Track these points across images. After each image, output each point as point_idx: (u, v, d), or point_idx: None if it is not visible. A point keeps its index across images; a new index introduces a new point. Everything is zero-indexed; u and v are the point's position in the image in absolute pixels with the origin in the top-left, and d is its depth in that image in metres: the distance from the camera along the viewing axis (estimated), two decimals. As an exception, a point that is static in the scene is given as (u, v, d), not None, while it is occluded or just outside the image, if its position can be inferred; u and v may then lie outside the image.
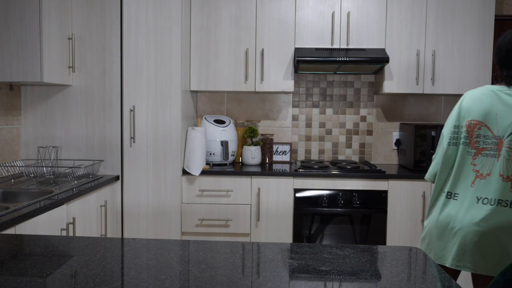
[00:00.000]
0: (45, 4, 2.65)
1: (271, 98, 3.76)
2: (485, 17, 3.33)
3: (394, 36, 3.36)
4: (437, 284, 1.16)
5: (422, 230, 3.18)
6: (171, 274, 1.18)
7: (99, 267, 1.24)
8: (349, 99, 3.75)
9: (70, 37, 2.96)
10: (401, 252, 1.41)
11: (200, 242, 1.49)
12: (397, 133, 3.73)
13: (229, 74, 3.40)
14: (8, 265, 1.25)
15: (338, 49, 3.34)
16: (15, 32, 2.63)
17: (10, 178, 2.77)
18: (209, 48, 3.39)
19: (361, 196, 3.15)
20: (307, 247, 1.43)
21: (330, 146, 3.77)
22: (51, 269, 1.21)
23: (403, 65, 3.37)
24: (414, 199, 3.17)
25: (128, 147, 3.07)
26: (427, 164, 3.27)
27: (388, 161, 3.76)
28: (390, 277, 1.20)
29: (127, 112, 3.06)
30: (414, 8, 3.34)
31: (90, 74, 3.03)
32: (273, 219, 3.19)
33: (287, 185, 3.17)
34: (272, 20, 3.37)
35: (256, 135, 3.54)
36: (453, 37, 3.35)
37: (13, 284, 1.11)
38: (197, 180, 3.18)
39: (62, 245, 1.44)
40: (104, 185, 2.81)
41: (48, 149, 3.03)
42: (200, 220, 3.18)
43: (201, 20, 3.38)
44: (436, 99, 3.72)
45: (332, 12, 3.35)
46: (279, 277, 1.19)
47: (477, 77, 3.36)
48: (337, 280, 1.17)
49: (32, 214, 2.01)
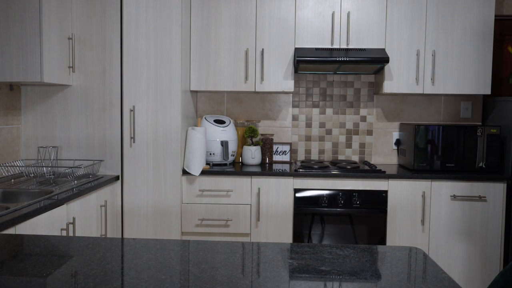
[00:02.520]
0: (45, 4, 2.65)
1: (271, 98, 3.76)
2: (485, 17, 3.33)
3: (394, 36, 3.36)
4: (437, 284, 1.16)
5: (422, 230, 3.19)
6: (171, 274, 1.18)
7: (99, 267, 1.24)
8: (349, 99, 3.75)
9: (70, 37, 2.96)
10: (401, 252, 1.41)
11: (200, 242, 1.49)
12: (397, 133, 3.73)
13: (229, 74, 3.40)
14: (8, 265, 1.25)
15: (338, 49, 3.34)
16: (15, 32, 2.63)
17: (10, 178, 2.77)
18: (209, 48, 3.39)
19: (361, 196, 3.15)
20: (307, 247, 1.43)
21: (330, 146, 3.77)
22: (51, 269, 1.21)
23: (403, 65, 3.37)
24: (414, 199, 3.17)
25: (128, 147, 3.07)
26: (427, 164, 3.28)
27: (388, 161, 3.76)
28: (390, 277, 1.20)
29: (127, 112, 3.06)
30: (414, 8, 3.34)
31: (90, 74, 3.03)
32: (273, 219, 3.19)
33: (287, 185, 3.17)
34: (272, 20, 3.37)
35: (256, 135, 3.54)
36: (453, 37, 3.35)
37: (13, 284, 1.11)
38: (197, 180, 3.18)
39: (62, 245, 1.44)
40: (104, 185, 2.81)
41: (48, 149, 3.03)
42: (200, 220, 3.18)
43: (201, 20, 3.38)
44: (436, 99, 3.72)
45: (332, 12, 3.35)
46: (279, 277, 1.19)
47: (477, 77, 3.36)
48: (337, 280, 1.17)
49: (32, 214, 2.01)
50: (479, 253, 3.18)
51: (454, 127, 3.27)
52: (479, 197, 3.15)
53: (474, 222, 3.17)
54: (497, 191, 3.15)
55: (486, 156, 3.25)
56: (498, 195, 3.15)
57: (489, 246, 3.18)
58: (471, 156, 3.26)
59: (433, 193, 3.17)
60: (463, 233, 3.18)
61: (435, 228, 3.18)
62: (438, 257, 3.18)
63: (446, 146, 3.26)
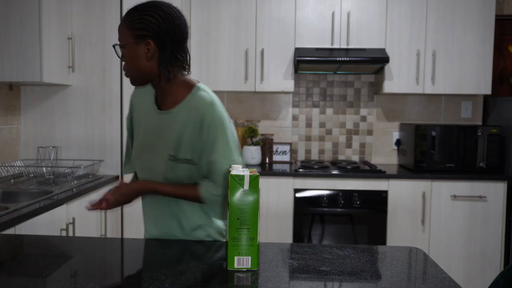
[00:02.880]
0: (44, 4, 2.64)
1: (271, 98, 3.76)
2: (485, 17, 3.32)
3: (394, 36, 3.35)
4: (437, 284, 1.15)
5: (422, 230, 3.19)
6: (171, 274, 1.18)
7: (99, 267, 1.23)
8: (349, 99, 3.75)
9: (70, 37, 2.95)
10: (401, 252, 1.41)
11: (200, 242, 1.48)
12: (397, 133, 3.73)
13: (229, 74, 3.40)
14: (8, 265, 1.25)
15: (338, 49, 3.33)
16: (15, 32, 2.63)
17: (10, 178, 2.77)
18: (209, 48, 3.39)
19: (361, 196, 3.15)
20: (307, 247, 1.43)
21: (330, 146, 3.77)
22: (51, 269, 1.21)
23: (403, 65, 3.37)
24: (414, 199, 3.17)
25: (128, 147, 3.07)
26: (427, 164, 3.27)
27: (388, 161, 3.76)
28: (390, 277, 1.20)
29: (127, 112, 3.05)
30: (414, 8, 3.33)
31: (90, 74, 3.02)
32: (273, 219, 3.19)
33: (287, 185, 3.17)
34: (272, 20, 3.37)
35: (256, 135, 3.53)
36: (453, 37, 3.35)
37: (13, 284, 1.11)
38: (197, 180, 3.18)
39: (62, 245, 1.44)
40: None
41: (48, 149, 3.03)
42: (200, 220, 3.18)
43: (201, 20, 3.38)
44: (436, 99, 3.72)
45: (332, 12, 3.35)
46: (279, 277, 1.18)
47: (478, 77, 3.36)
48: (337, 280, 1.17)
49: (32, 214, 2.01)
50: (479, 253, 3.18)
51: (455, 127, 3.26)
52: (480, 197, 3.15)
53: (474, 222, 3.17)
54: (498, 191, 3.15)
55: (487, 156, 3.24)
56: (498, 195, 3.15)
57: (489, 246, 3.17)
58: (472, 156, 3.26)
59: (433, 193, 3.16)
60: (463, 233, 3.18)
61: (435, 228, 3.17)
62: (439, 257, 3.18)
63: (447, 146, 3.26)
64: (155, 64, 1.42)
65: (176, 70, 1.46)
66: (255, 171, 1.26)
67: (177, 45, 1.43)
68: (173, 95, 1.48)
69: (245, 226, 1.22)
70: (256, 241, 1.23)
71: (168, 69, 1.43)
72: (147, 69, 1.43)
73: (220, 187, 1.44)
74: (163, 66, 1.42)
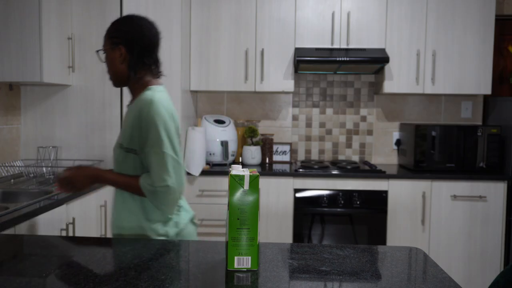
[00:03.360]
0: (44, 4, 2.64)
1: (271, 98, 3.76)
2: (485, 17, 3.32)
3: (394, 36, 3.35)
4: (437, 284, 1.15)
5: (422, 230, 3.18)
6: (171, 274, 1.18)
7: (99, 267, 1.23)
8: (349, 99, 3.75)
9: (70, 37, 2.95)
10: (401, 252, 1.41)
11: (200, 242, 1.48)
12: (397, 133, 3.73)
13: (229, 74, 3.40)
14: (8, 265, 1.25)
15: (338, 49, 3.33)
16: (15, 32, 2.63)
17: (10, 178, 2.77)
18: (209, 48, 3.39)
19: (361, 196, 3.15)
20: (307, 247, 1.43)
21: (330, 146, 3.77)
22: (51, 269, 1.21)
23: (403, 65, 3.37)
24: (414, 199, 3.17)
25: (128, 147, 3.06)
26: (427, 164, 3.27)
27: (388, 161, 3.76)
28: (390, 277, 1.19)
29: (127, 112, 3.05)
30: (414, 8, 3.33)
31: (90, 74, 3.02)
32: (273, 219, 3.19)
33: (287, 185, 3.17)
34: (272, 20, 3.37)
35: (256, 135, 3.53)
36: (453, 37, 3.34)
37: (13, 284, 1.11)
38: (197, 180, 3.18)
39: (62, 245, 1.44)
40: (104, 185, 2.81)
41: (48, 149, 3.03)
42: (200, 220, 3.18)
43: (201, 20, 3.38)
44: (436, 99, 3.72)
45: (332, 12, 3.35)
46: (279, 277, 1.18)
47: (478, 77, 3.36)
48: (337, 280, 1.17)
49: (32, 214, 2.01)
50: (479, 253, 3.18)
51: (455, 127, 3.26)
52: (480, 197, 3.15)
53: (474, 222, 3.17)
54: (498, 191, 3.15)
55: (487, 156, 3.24)
56: (498, 195, 3.15)
57: (489, 246, 3.17)
58: (472, 156, 3.26)
59: (433, 193, 3.16)
60: (463, 233, 3.18)
61: (436, 228, 3.17)
62: (439, 257, 3.18)
63: (447, 146, 3.26)
64: (126, 67, 1.67)
65: (142, 73, 1.70)
66: (255, 171, 1.26)
67: (146, 51, 1.68)
68: (134, 94, 1.73)
69: (245, 226, 1.22)
70: (256, 241, 1.23)
71: (136, 72, 1.68)
72: (120, 71, 1.69)
73: (155, 178, 1.60)
74: (131, 69, 1.67)
